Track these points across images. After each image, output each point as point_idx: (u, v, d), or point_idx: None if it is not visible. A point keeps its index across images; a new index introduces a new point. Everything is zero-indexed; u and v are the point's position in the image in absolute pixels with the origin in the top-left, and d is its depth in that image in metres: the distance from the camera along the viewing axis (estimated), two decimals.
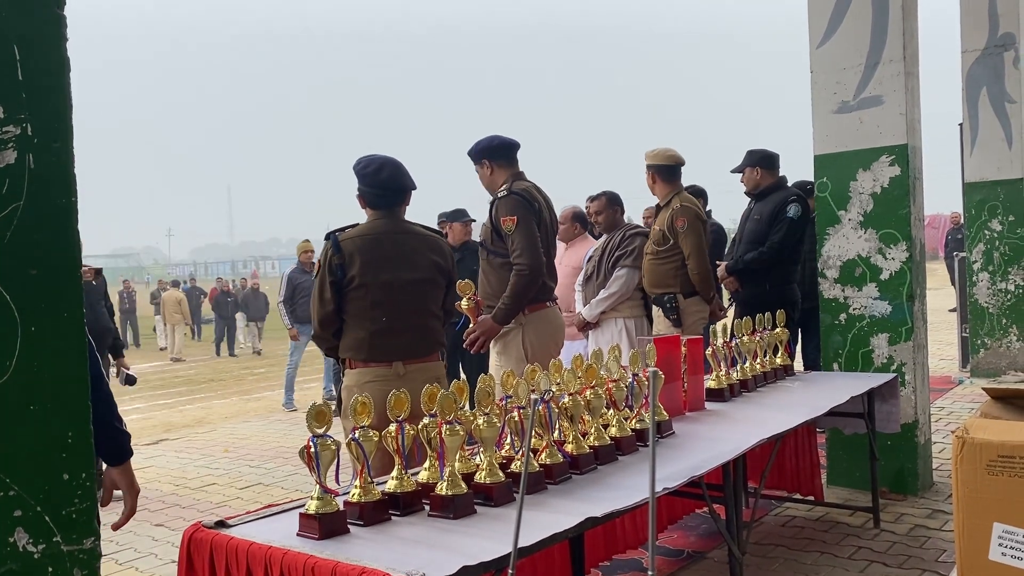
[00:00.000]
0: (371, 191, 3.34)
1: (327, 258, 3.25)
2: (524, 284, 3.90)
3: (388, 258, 3.26)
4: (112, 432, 2.07)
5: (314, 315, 3.32)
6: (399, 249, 3.29)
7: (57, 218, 1.06)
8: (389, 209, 3.35)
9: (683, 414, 3.20)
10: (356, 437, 2.07)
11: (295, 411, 8.67)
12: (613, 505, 2.12)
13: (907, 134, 4.28)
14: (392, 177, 3.34)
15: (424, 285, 3.34)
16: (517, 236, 3.91)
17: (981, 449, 2.15)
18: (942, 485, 4.42)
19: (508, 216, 3.94)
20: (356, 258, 3.22)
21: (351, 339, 3.28)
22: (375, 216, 3.35)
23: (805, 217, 5.12)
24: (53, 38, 1.06)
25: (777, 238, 5.00)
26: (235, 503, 5.15)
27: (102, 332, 5.41)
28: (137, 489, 2.15)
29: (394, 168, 3.36)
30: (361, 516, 2.02)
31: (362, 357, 3.26)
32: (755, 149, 5.35)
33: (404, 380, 3.14)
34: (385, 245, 3.27)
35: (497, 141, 4.12)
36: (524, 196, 3.98)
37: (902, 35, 4.25)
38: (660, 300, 4.95)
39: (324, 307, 3.26)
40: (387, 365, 3.24)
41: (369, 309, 3.23)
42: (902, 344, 4.33)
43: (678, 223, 4.84)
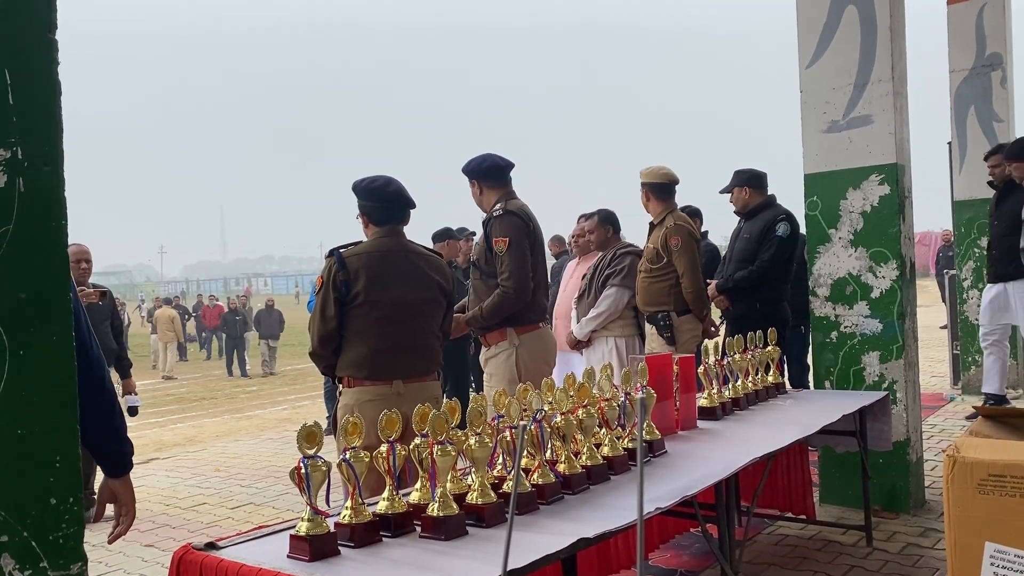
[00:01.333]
0: (378, 206, 3.35)
1: (331, 274, 3.24)
2: (505, 305, 3.93)
3: (394, 276, 3.27)
4: (116, 442, 2.06)
5: (314, 333, 3.30)
6: (404, 267, 3.31)
7: (47, 241, 1.06)
8: (393, 226, 3.37)
9: (675, 433, 3.20)
10: (347, 458, 2.06)
11: None
12: (605, 525, 2.11)
13: (896, 153, 4.31)
14: (399, 192, 3.38)
15: (427, 304, 3.36)
16: (508, 257, 3.93)
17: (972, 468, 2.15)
18: (934, 503, 4.42)
19: (501, 237, 3.96)
20: (362, 275, 3.22)
21: (352, 356, 3.26)
22: (380, 233, 3.36)
23: (794, 235, 5.16)
24: (44, 62, 1.07)
25: (766, 256, 5.04)
26: (226, 523, 5.11)
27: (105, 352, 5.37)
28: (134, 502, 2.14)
29: (398, 184, 3.40)
30: (352, 538, 2.01)
31: (363, 375, 3.25)
32: (743, 169, 5.41)
33: (403, 399, 3.14)
34: (391, 263, 3.29)
35: (488, 163, 4.13)
36: (521, 217, 4.00)
37: (890, 56, 4.29)
38: (654, 318, 4.98)
39: (326, 324, 3.25)
40: (387, 383, 3.24)
41: (373, 327, 3.23)
42: (893, 362, 4.34)
43: (672, 242, 4.87)
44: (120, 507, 2.13)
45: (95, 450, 2.06)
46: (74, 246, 5.44)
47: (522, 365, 4.02)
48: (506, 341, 4.05)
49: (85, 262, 5.32)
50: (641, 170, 5.16)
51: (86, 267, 5.34)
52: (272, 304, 17.80)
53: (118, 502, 2.12)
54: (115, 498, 2.12)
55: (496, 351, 4.08)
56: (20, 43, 1.04)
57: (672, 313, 4.90)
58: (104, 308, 5.51)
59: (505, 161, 4.16)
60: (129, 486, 2.11)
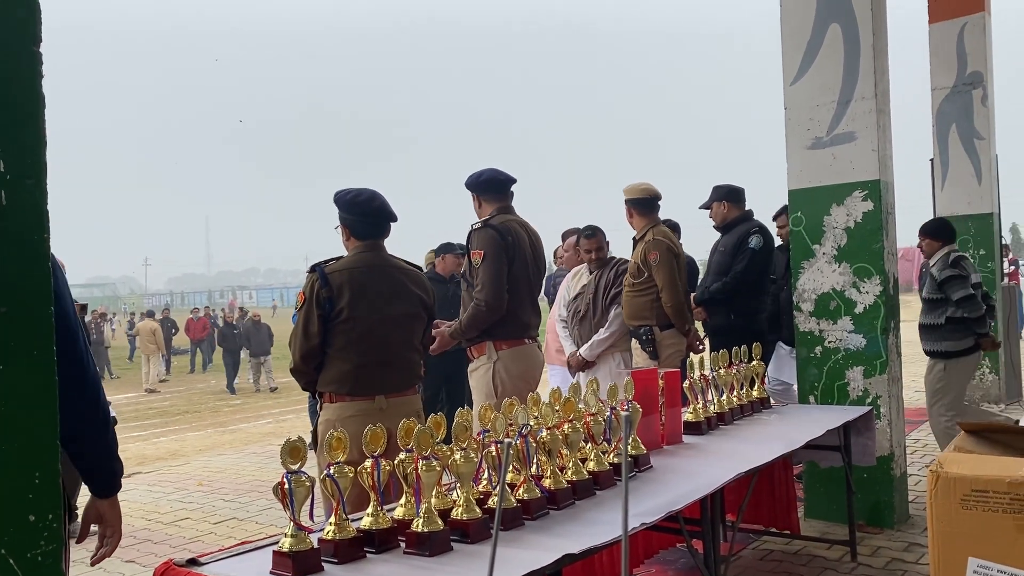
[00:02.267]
0: (361, 220, 3.32)
1: (314, 291, 3.20)
2: (479, 317, 3.94)
3: (376, 291, 3.25)
4: (107, 460, 2.02)
5: (296, 349, 3.27)
6: (386, 282, 3.29)
7: (29, 255, 1.05)
8: (374, 240, 3.34)
9: (661, 447, 3.20)
10: (331, 473, 2.04)
11: None
12: (591, 541, 2.11)
13: (879, 170, 4.35)
14: (382, 206, 3.35)
15: (409, 319, 3.34)
16: (482, 270, 3.94)
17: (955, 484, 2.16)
18: (918, 518, 4.44)
19: (477, 249, 3.97)
20: (345, 291, 3.19)
21: (334, 372, 3.23)
22: (361, 248, 3.33)
23: (768, 248, 5.21)
24: (28, 75, 1.06)
25: (739, 268, 5.12)
26: (208, 538, 5.06)
27: None
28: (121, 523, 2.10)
29: (382, 198, 3.37)
30: (335, 554, 1.99)
31: (345, 391, 3.22)
32: (721, 184, 5.52)
33: (385, 414, 3.12)
34: (373, 278, 3.26)
35: (486, 176, 4.15)
36: (498, 230, 3.99)
37: (873, 73, 4.34)
38: (637, 332, 4.98)
39: (309, 341, 3.22)
40: (370, 399, 3.21)
41: (356, 342, 3.20)
42: (877, 377, 4.36)
43: (651, 256, 4.88)
44: (105, 528, 2.09)
45: (84, 468, 2.03)
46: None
47: (499, 381, 4.00)
48: (485, 355, 4.04)
49: None
50: (624, 187, 5.19)
51: None
52: (259, 319, 17.13)
53: (104, 523, 2.09)
54: (101, 519, 2.08)
55: (476, 364, 4.09)
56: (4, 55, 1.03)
57: (655, 328, 4.90)
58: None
59: (505, 176, 4.17)
60: (116, 507, 2.07)
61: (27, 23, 1.08)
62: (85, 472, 2.03)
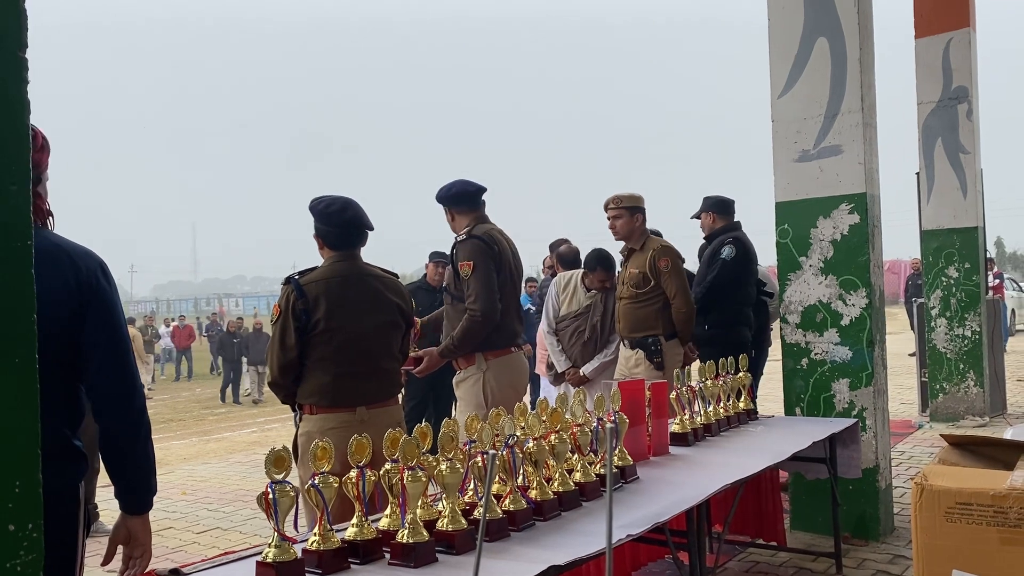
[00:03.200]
0: (334, 231, 3.28)
1: (289, 303, 3.16)
2: (475, 329, 3.91)
3: (353, 301, 3.21)
4: (144, 474, 1.97)
5: (273, 362, 3.23)
6: (363, 292, 3.25)
7: (13, 262, 1.04)
8: (350, 250, 3.30)
9: (647, 458, 3.20)
10: (316, 483, 2.03)
11: None
12: (576, 552, 2.10)
13: (866, 183, 4.38)
14: (356, 216, 3.30)
15: (387, 328, 3.31)
16: (473, 281, 3.92)
17: (940, 496, 2.17)
18: (903, 530, 4.45)
19: (465, 260, 3.95)
20: (321, 302, 3.15)
21: (313, 384, 3.20)
22: (336, 258, 3.28)
23: (741, 258, 5.18)
24: (13, 81, 1.05)
25: (710, 278, 5.13)
26: (192, 548, 5.02)
27: None
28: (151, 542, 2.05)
29: (356, 208, 3.32)
30: (320, 564, 1.98)
31: (326, 403, 3.18)
32: (711, 195, 5.54)
33: (367, 425, 3.09)
34: (350, 288, 3.22)
35: (456, 189, 4.13)
36: (484, 240, 3.99)
37: (860, 87, 4.37)
38: (643, 343, 4.87)
39: (286, 354, 3.17)
40: (351, 410, 3.17)
41: (334, 354, 3.16)
42: (863, 389, 4.38)
43: (661, 263, 4.81)
44: (135, 548, 2.03)
45: (124, 484, 1.96)
46: None
47: (489, 391, 3.98)
48: (474, 366, 4.02)
49: None
50: (616, 195, 5.15)
51: None
52: (260, 327, 16.61)
53: (134, 542, 2.02)
54: (131, 538, 2.01)
55: (465, 375, 4.06)
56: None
57: (661, 338, 4.83)
58: None
59: (475, 186, 4.16)
60: (147, 525, 1.98)
61: (12, 29, 1.07)
62: (123, 488, 1.98)
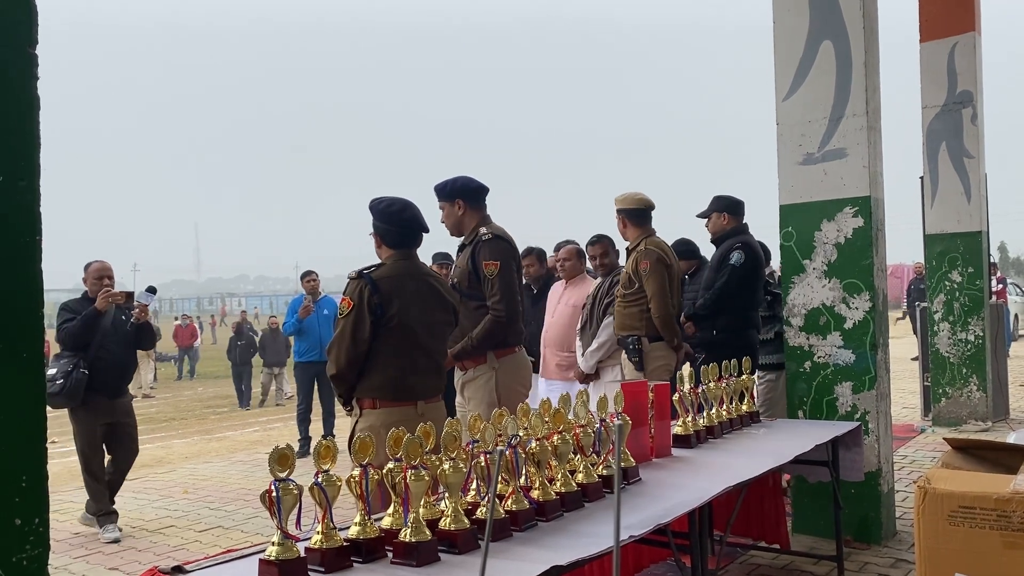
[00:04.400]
0: (395, 230, 3.44)
1: (364, 297, 3.26)
2: (496, 330, 3.95)
3: (420, 298, 3.35)
4: None
5: (342, 355, 3.29)
6: (426, 290, 3.40)
7: (20, 258, 1.04)
8: (408, 249, 3.45)
9: (650, 460, 3.20)
10: (319, 481, 2.03)
11: None
12: (579, 553, 2.10)
13: (870, 186, 4.38)
14: (415, 217, 3.46)
15: (445, 326, 3.48)
16: (499, 281, 3.95)
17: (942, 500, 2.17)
18: (905, 534, 4.45)
19: (492, 260, 3.98)
20: (395, 297, 3.28)
21: (378, 379, 3.31)
22: (399, 256, 3.42)
23: (751, 263, 5.17)
24: (23, 77, 1.06)
25: (719, 284, 5.11)
26: (193, 546, 5.03)
27: (125, 344, 5.57)
28: None
29: (415, 209, 3.49)
30: (322, 563, 1.98)
31: (389, 397, 3.30)
32: (722, 195, 5.46)
33: (424, 419, 3.12)
34: (416, 285, 3.37)
35: (474, 184, 4.16)
36: (508, 241, 4.07)
37: (865, 91, 4.37)
38: (624, 342, 4.93)
39: (358, 347, 3.27)
40: (412, 404, 3.32)
41: (399, 349, 3.29)
42: (866, 392, 4.38)
43: (641, 265, 4.83)
44: None
45: None
46: (97, 263, 5.53)
47: (501, 388, 4.04)
48: (485, 364, 4.04)
49: (108, 278, 5.45)
50: (616, 197, 5.16)
51: (108, 283, 5.43)
52: (276, 326, 15.50)
53: None
54: None
55: (475, 374, 4.07)
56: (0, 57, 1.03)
57: (643, 338, 4.84)
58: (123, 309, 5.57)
59: (484, 184, 4.20)
60: None
61: (23, 25, 1.07)
62: None
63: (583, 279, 5.82)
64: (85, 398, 5.23)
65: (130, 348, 5.56)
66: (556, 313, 5.75)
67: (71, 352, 5.27)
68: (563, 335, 5.65)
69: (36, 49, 1.08)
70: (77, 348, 5.26)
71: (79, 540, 5.27)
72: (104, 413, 5.35)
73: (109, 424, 5.40)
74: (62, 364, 5.25)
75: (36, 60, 1.08)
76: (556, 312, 5.76)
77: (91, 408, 5.29)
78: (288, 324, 8.30)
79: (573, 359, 5.55)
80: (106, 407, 5.35)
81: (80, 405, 5.26)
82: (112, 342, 5.36)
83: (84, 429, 5.32)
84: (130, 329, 5.47)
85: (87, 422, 5.31)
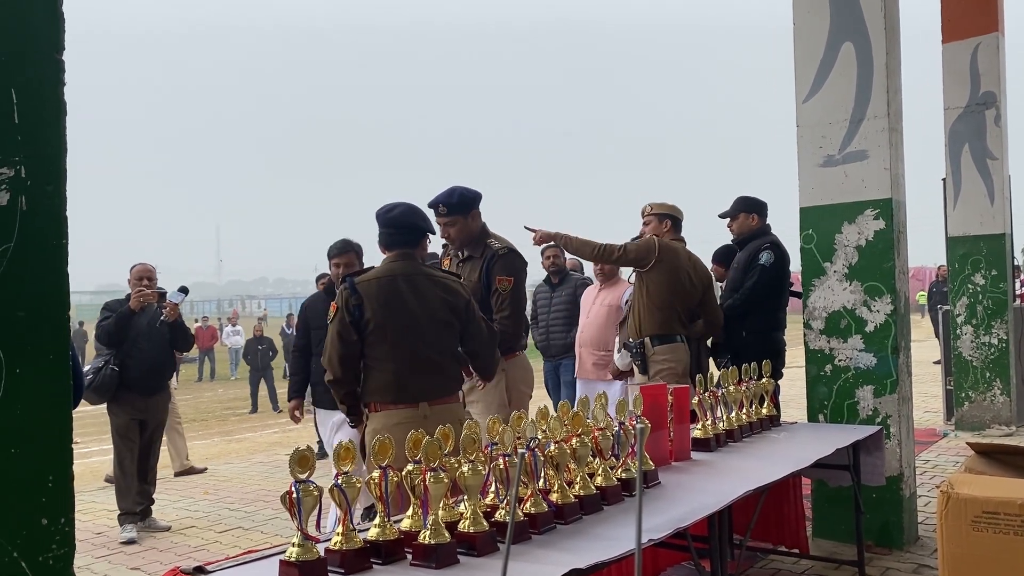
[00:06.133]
0: (384, 231, 3.46)
1: (345, 300, 3.31)
2: (502, 342, 3.96)
3: (403, 299, 3.33)
4: None
5: (334, 357, 3.32)
6: (413, 290, 3.37)
7: (47, 260, 1.06)
8: (403, 250, 3.44)
9: (669, 464, 3.19)
10: (339, 483, 2.05)
11: None
12: (598, 556, 2.10)
13: (891, 188, 4.34)
14: (403, 215, 3.45)
15: (439, 325, 3.40)
16: (510, 296, 4.04)
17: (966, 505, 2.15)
18: (927, 539, 4.40)
19: (507, 276, 4.02)
20: (372, 299, 3.30)
21: (376, 382, 3.32)
22: (391, 258, 3.44)
23: (780, 264, 5.13)
24: (51, 83, 1.08)
25: (749, 284, 5.05)
26: (214, 547, 5.06)
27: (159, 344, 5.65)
28: None
29: (407, 209, 3.49)
30: (342, 564, 1.99)
31: (389, 399, 3.30)
32: (746, 196, 5.39)
33: (430, 421, 3.13)
34: (399, 286, 3.35)
35: (475, 192, 4.17)
36: (522, 257, 4.12)
37: (886, 92, 4.34)
38: (628, 345, 4.89)
39: (347, 346, 3.29)
40: (414, 406, 3.30)
41: (390, 351, 3.29)
42: (887, 396, 4.34)
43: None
44: None
45: None
46: (140, 265, 5.67)
47: (512, 390, 4.13)
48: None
49: (147, 280, 5.60)
50: (652, 203, 5.08)
51: (147, 285, 5.57)
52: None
53: None
54: None
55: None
56: (27, 63, 1.04)
57: (647, 340, 4.74)
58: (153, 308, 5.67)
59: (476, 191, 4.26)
60: None
61: (50, 31, 1.09)
62: None
63: (618, 280, 5.89)
64: (117, 395, 5.43)
65: (165, 347, 5.66)
66: (592, 314, 5.84)
67: (107, 349, 5.47)
68: (599, 335, 5.74)
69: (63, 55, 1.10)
70: (111, 345, 5.45)
71: (101, 540, 5.33)
72: (137, 410, 5.53)
73: (142, 421, 5.56)
74: (95, 361, 5.50)
75: (63, 65, 1.10)
76: (592, 313, 5.85)
77: (123, 404, 5.48)
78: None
79: (609, 358, 5.65)
80: (139, 404, 5.52)
81: (112, 401, 5.47)
82: (146, 341, 5.51)
83: (117, 424, 5.52)
84: (163, 328, 5.56)
85: (120, 418, 5.50)
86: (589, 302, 5.97)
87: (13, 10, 1.03)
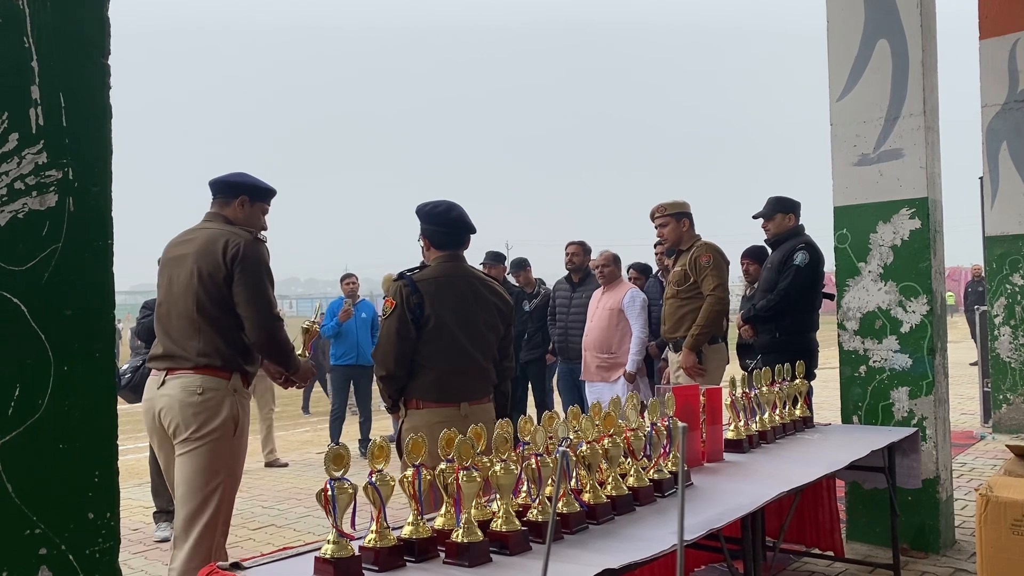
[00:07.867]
0: (441, 230, 3.44)
1: (404, 298, 3.30)
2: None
3: (459, 300, 3.35)
4: None
5: (389, 354, 3.31)
6: (468, 292, 3.39)
7: (94, 260, 1.08)
8: (455, 250, 3.46)
9: (701, 465, 3.17)
10: (373, 481, 2.06)
11: None
12: (630, 557, 2.09)
13: (927, 187, 4.29)
14: (461, 217, 3.47)
15: (487, 328, 3.43)
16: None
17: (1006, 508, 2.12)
18: (964, 543, 4.34)
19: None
20: (432, 298, 3.31)
21: (421, 379, 3.33)
22: (444, 258, 3.43)
23: (815, 264, 5.09)
24: (97, 87, 1.10)
25: (783, 285, 5.01)
26: (247, 544, 5.12)
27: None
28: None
29: (461, 209, 3.50)
30: (376, 561, 2.01)
31: (432, 397, 3.31)
32: (781, 196, 5.35)
33: (468, 420, 3.15)
34: (458, 287, 3.37)
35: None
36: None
37: (922, 90, 4.28)
38: (679, 344, 4.93)
39: (404, 344, 3.29)
40: (455, 406, 3.31)
41: (442, 350, 3.31)
42: (923, 398, 4.28)
43: (703, 259, 4.91)
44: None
45: None
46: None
47: None
48: None
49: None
50: (660, 203, 5.16)
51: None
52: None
53: None
54: None
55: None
56: (76, 68, 1.07)
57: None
58: None
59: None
60: None
61: (96, 36, 1.11)
62: None
63: (620, 283, 5.96)
64: None
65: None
66: (595, 317, 5.88)
67: (144, 348, 5.51)
68: (603, 338, 5.79)
69: (108, 59, 1.12)
70: (149, 343, 5.49)
71: (137, 536, 5.41)
72: None
73: None
74: (133, 360, 5.52)
75: (108, 70, 1.12)
76: (595, 316, 5.89)
77: None
78: (327, 327, 8.37)
79: (613, 360, 5.69)
80: None
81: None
82: None
83: None
84: None
85: None
86: (594, 306, 6.03)
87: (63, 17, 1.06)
